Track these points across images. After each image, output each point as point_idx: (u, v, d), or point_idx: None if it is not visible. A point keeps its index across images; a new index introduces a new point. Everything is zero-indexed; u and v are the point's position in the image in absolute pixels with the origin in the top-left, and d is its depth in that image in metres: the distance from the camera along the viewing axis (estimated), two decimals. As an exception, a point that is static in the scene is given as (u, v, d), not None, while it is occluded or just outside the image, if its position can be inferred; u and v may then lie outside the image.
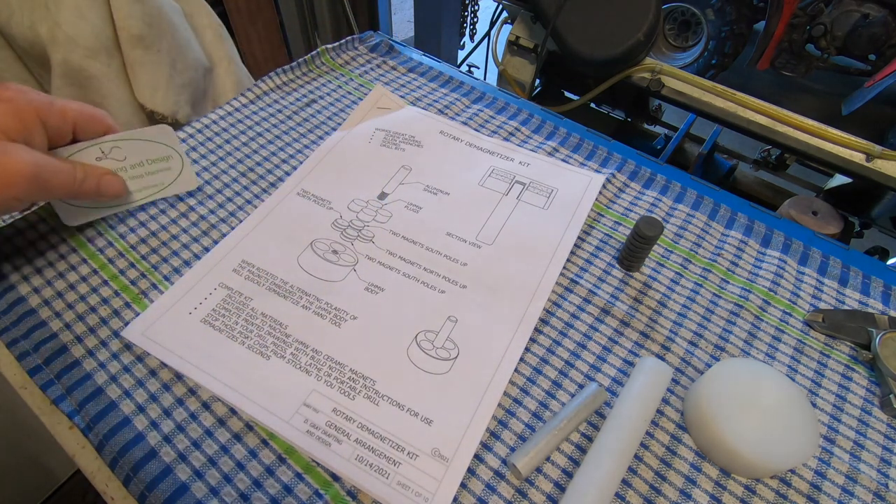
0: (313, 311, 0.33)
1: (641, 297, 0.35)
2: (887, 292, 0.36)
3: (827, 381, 0.32)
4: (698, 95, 0.73)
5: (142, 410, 0.28)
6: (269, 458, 0.27)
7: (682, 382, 0.31)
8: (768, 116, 0.69)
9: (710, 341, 0.33)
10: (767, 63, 1.93)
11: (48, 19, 0.47)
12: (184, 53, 0.56)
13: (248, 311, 0.32)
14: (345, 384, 0.29)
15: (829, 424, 0.30)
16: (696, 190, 0.42)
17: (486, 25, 1.15)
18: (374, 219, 0.38)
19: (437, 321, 0.32)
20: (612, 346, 0.32)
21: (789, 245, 0.39)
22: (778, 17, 1.79)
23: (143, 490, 0.26)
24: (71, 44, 0.48)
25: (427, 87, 0.49)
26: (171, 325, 0.31)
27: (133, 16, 0.50)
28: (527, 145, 0.45)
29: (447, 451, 0.27)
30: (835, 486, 0.27)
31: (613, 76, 0.77)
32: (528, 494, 0.26)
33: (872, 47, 1.76)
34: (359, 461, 0.27)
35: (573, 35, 0.74)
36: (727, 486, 0.27)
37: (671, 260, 0.37)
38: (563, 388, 0.30)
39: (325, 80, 0.49)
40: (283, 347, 0.31)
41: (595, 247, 0.37)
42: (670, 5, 2.04)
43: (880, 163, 0.65)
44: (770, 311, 0.35)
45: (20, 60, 0.52)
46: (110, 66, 0.52)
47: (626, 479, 0.27)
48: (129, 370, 0.30)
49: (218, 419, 0.28)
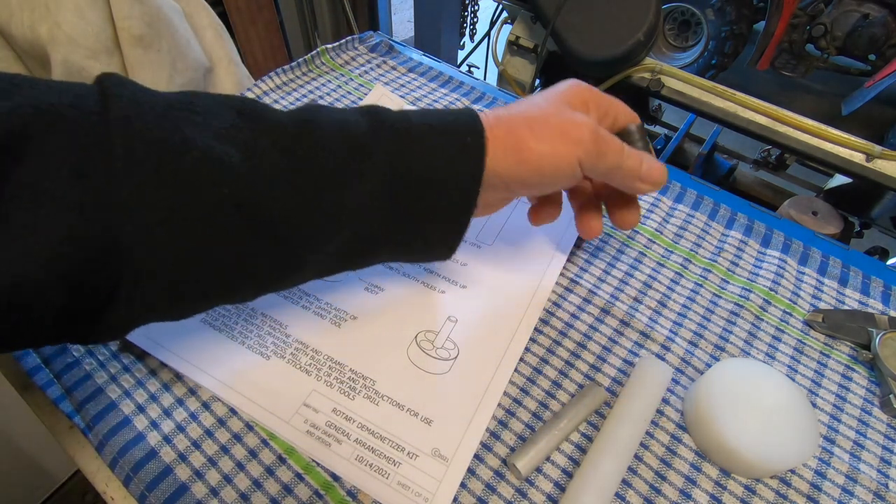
0: (313, 311, 0.33)
1: (641, 297, 0.35)
2: (887, 292, 0.36)
3: (827, 382, 0.32)
4: (698, 95, 0.73)
5: (142, 410, 0.28)
6: (269, 458, 0.27)
7: (682, 382, 0.31)
8: (768, 116, 0.69)
9: (710, 341, 0.33)
10: (767, 63, 1.93)
11: (48, 19, 0.47)
12: (184, 53, 0.56)
13: (248, 311, 0.32)
14: (345, 384, 0.29)
15: (829, 424, 0.30)
16: (696, 190, 0.42)
17: (486, 25, 1.15)
18: (374, 219, 0.38)
19: (437, 321, 0.32)
20: (612, 346, 0.32)
21: (789, 245, 0.39)
22: (778, 17, 1.79)
23: (143, 490, 0.26)
24: (71, 44, 0.48)
25: (427, 87, 0.49)
26: (171, 325, 0.31)
27: (133, 16, 0.50)
28: (527, 145, 0.45)
29: (447, 451, 0.27)
30: (835, 486, 0.27)
31: (613, 76, 0.77)
32: (528, 494, 0.26)
33: (872, 47, 1.76)
34: (359, 461, 0.27)
35: (573, 35, 0.74)
36: (727, 486, 0.27)
37: (671, 260, 0.37)
38: (563, 388, 0.30)
39: (325, 80, 0.49)
40: (283, 347, 0.31)
41: (595, 247, 0.37)
42: (670, 5, 2.04)
43: (880, 163, 0.65)
44: (770, 311, 0.35)
45: (20, 60, 0.52)
46: (110, 66, 0.52)
47: (626, 479, 0.27)
48: (130, 370, 0.30)
49: (218, 419, 0.28)
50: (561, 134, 0.25)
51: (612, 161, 0.26)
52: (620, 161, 0.27)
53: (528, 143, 0.25)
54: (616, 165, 0.27)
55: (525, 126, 0.25)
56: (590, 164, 0.26)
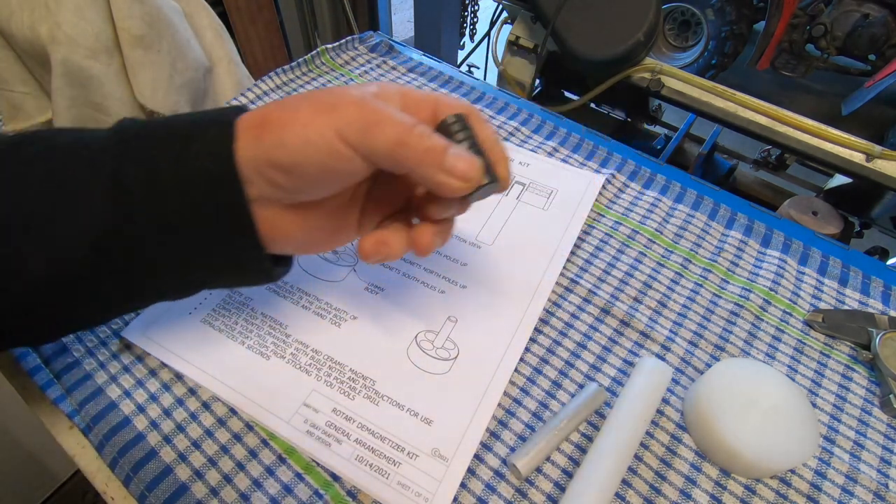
0: (313, 311, 0.33)
1: (641, 297, 0.35)
2: (887, 292, 0.36)
3: (827, 381, 0.32)
4: (698, 95, 0.73)
5: (142, 410, 0.28)
6: (269, 458, 0.27)
7: (682, 382, 0.31)
8: (768, 116, 0.69)
9: (710, 341, 0.33)
10: (767, 63, 1.93)
11: (48, 19, 0.47)
12: (184, 53, 0.56)
13: (247, 310, 0.32)
14: (345, 384, 0.29)
15: (829, 424, 0.30)
16: (696, 190, 0.42)
17: (486, 25, 1.15)
18: (374, 219, 0.38)
19: (437, 321, 0.32)
20: (612, 346, 0.32)
21: (789, 245, 0.39)
22: (778, 17, 1.79)
23: (143, 490, 0.26)
24: (71, 44, 0.48)
25: (427, 88, 0.49)
26: (171, 325, 0.31)
27: (133, 16, 0.50)
28: (527, 145, 0.45)
29: (447, 451, 0.27)
30: (835, 486, 0.27)
31: (613, 76, 0.77)
32: (528, 494, 0.26)
33: (872, 47, 1.76)
34: (359, 461, 0.27)
35: (573, 35, 0.74)
36: (727, 486, 0.27)
37: (671, 260, 0.37)
38: (563, 388, 0.30)
39: (325, 80, 0.49)
40: (283, 347, 0.31)
41: (595, 247, 0.37)
42: (670, 5, 2.04)
43: (880, 163, 0.65)
44: (770, 311, 0.35)
45: (20, 60, 0.52)
46: (110, 66, 0.52)
47: (626, 479, 0.27)
48: (129, 370, 0.30)
49: (218, 419, 0.28)
50: (316, 104, 0.21)
51: (390, 135, 0.21)
52: (406, 137, 0.21)
53: (273, 114, 0.21)
54: (399, 141, 0.21)
55: (278, 107, 0.22)
56: (357, 138, 0.21)
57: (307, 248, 0.26)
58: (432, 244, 0.25)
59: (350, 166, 0.21)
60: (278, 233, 0.23)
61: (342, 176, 0.22)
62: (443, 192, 0.22)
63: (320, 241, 0.26)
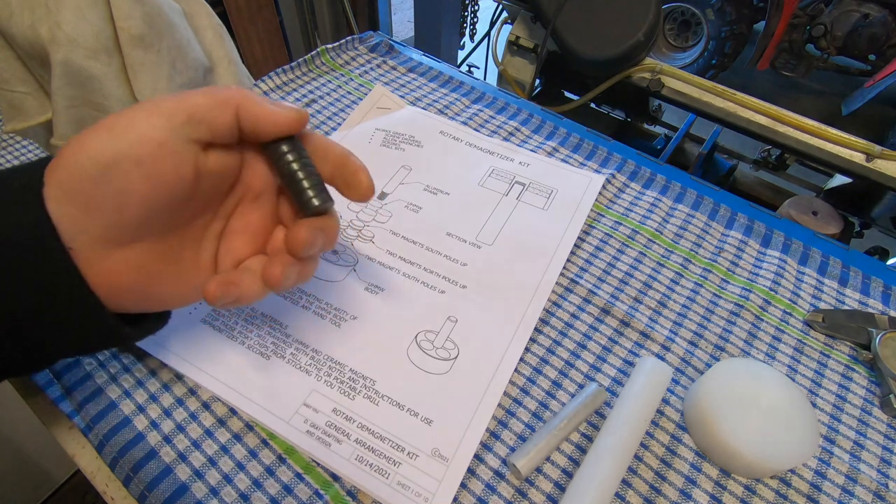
0: (313, 311, 0.33)
1: (641, 297, 0.35)
2: (887, 292, 0.36)
3: (827, 382, 0.32)
4: (698, 95, 0.73)
5: (142, 410, 0.28)
6: (269, 458, 0.27)
7: (682, 382, 0.31)
8: (768, 116, 0.69)
9: (710, 341, 0.33)
10: (767, 63, 1.93)
11: (48, 19, 0.47)
12: (184, 53, 0.56)
13: (248, 310, 0.32)
14: (345, 384, 0.29)
15: (829, 424, 0.30)
16: (696, 190, 0.42)
17: (486, 25, 1.15)
18: (373, 219, 0.38)
19: (437, 321, 0.32)
20: (612, 346, 0.32)
21: (789, 245, 0.39)
22: (778, 17, 1.79)
23: (143, 490, 0.26)
24: (71, 44, 0.48)
25: (427, 87, 0.49)
26: (172, 326, 0.31)
27: (133, 16, 0.50)
28: (527, 145, 0.45)
29: (447, 451, 0.27)
30: (835, 486, 0.27)
31: (613, 76, 0.77)
32: (528, 494, 0.26)
33: (872, 47, 1.76)
34: (359, 461, 0.27)
35: (573, 35, 0.74)
36: (727, 486, 0.27)
37: (671, 260, 0.37)
38: (563, 388, 0.30)
39: (325, 80, 0.49)
40: (283, 347, 0.31)
41: (595, 247, 0.37)
42: (670, 5, 2.04)
43: (880, 163, 0.65)
44: (770, 311, 0.35)
45: (20, 60, 0.52)
46: (110, 66, 0.52)
47: (626, 479, 0.27)
48: (129, 370, 0.30)
49: (218, 419, 0.28)
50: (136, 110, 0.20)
51: (224, 95, 0.20)
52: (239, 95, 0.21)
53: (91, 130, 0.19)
54: (243, 96, 0.21)
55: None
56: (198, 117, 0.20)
57: (149, 298, 0.23)
58: (283, 277, 0.22)
59: (173, 146, 0.20)
60: (105, 279, 0.20)
61: (165, 168, 0.20)
62: (279, 127, 0.22)
63: (163, 285, 0.23)
